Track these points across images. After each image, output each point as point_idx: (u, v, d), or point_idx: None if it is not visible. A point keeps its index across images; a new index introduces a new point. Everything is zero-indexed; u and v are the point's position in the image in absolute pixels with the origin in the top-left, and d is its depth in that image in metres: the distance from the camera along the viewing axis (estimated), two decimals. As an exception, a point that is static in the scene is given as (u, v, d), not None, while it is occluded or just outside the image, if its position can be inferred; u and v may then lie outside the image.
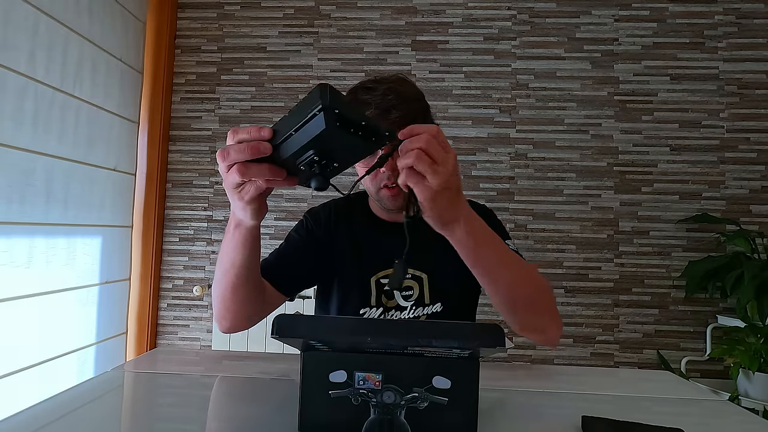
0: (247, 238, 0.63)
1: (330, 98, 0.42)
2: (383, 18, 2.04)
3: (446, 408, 0.42)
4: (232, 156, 0.49)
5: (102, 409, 0.54)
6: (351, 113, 0.44)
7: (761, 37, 1.94)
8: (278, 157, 0.48)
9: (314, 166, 0.48)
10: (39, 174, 1.44)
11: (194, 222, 2.05)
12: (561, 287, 1.94)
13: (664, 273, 1.92)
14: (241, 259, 0.65)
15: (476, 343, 0.38)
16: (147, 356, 0.78)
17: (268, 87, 2.05)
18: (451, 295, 0.86)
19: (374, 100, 0.77)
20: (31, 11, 1.40)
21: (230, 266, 0.66)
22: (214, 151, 2.05)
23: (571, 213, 1.95)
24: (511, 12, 2.01)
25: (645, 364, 1.90)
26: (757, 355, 1.57)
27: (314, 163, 0.48)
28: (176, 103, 2.07)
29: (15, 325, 1.36)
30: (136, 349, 1.92)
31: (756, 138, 1.92)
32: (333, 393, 0.42)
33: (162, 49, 2.00)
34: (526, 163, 1.98)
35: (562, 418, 0.52)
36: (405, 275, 0.83)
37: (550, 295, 0.73)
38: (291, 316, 0.40)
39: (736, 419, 0.55)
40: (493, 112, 2.00)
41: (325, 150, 0.47)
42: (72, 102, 1.57)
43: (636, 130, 1.96)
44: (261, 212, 0.59)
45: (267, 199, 0.59)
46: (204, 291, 2.02)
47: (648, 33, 1.97)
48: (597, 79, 1.98)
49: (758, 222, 1.89)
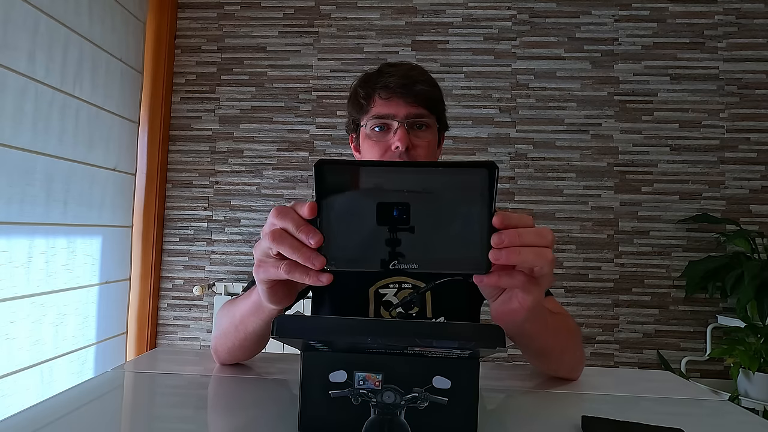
0: (262, 318, 0.56)
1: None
2: (383, 18, 2.04)
3: (446, 408, 0.42)
4: (285, 245, 0.40)
5: (102, 409, 0.54)
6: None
7: (761, 37, 1.94)
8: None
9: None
10: (39, 174, 1.44)
11: (194, 222, 2.05)
12: (561, 287, 1.94)
13: (664, 273, 1.92)
14: (253, 328, 0.58)
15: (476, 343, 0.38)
16: (147, 356, 0.78)
17: (268, 87, 2.06)
18: (453, 307, 0.83)
19: (399, 73, 0.78)
20: (31, 11, 1.40)
21: (242, 327, 0.60)
22: (215, 151, 2.05)
23: (571, 213, 1.95)
24: (511, 12, 2.01)
25: (645, 364, 1.90)
26: (757, 355, 1.57)
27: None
28: (176, 103, 2.07)
29: (15, 325, 1.36)
30: (136, 349, 1.92)
31: (756, 138, 1.92)
32: (333, 393, 0.42)
33: (162, 49, 2.01)
34: (526, 163, 1.98)
35: (562, 418, 0.52)
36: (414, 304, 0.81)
37: (579, 340, 0.69)
38: (291, 317, 0.40)
39: (736, 419, 0.55)
40: (493, 112, 2.00)
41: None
42: (72, 102, 1.57)
43: (636, 130, 1.96)
44: (279, 301, 0.48)
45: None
46: (204, 291, 2.02)
47: (648, 33, 1.97)
48: (597, 79, 1.98)
49: (758, 222, 1.89)
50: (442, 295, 0.82)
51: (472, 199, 0.38)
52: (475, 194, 0.38)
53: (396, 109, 0.77)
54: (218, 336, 0.67)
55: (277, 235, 0.40)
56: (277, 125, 2.05)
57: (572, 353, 0.66)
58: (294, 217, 0.40)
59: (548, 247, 0.40)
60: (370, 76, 0.82)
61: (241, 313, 0.59)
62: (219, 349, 0.68)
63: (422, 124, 0.79)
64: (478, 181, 0.38)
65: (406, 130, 0.76)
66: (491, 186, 0.38)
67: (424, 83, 0.79)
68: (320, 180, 0.39)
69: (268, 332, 0.60)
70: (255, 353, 0.70)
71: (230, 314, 0.63)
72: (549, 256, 0.40)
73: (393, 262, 0.38)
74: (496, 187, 0.38)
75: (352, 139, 0.87)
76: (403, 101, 0.77)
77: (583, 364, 0.69)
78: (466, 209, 0.38)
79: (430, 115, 0.80)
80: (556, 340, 0.61)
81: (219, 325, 0.67)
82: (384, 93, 0.78)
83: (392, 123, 0.77)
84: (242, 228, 2.03)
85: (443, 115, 0.85)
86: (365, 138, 0.81)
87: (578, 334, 0.69)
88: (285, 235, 0.40)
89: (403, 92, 0.77)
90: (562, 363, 0.66)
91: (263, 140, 2.04)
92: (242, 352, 0.67)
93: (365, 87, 0.81)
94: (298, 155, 2.03)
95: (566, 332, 0.65)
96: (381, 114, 0.78)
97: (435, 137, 0.82)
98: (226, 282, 2.00)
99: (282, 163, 2.04)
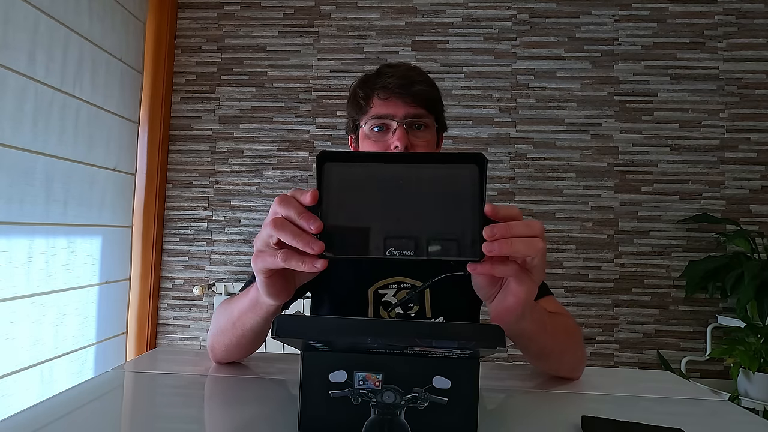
0: (260, 315, 0.56)
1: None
2: (383, 18, 2.04)
3: (446, 408, 0.42)
4: (287, 232, 0.41)
5: (102, 409, 0.54)
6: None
7: (761, 37, 1.94)
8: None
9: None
10: (39, 174, 1.44)
11: (194, 222, 2.05)
12: (561, 287, 1.94)
13: (664, 273, 1.92)
14: (251, 325, 0.59)
15: (476, 343, 0.38)
16: (147, 356, 0.78)
17: (268, 87, 2.06)
18: (453, 307, 0.83)
19: (397, 74, 0.79)
20: (31, 11, 1.40)
21: (239, 324, 0.60)
22: (215, 151, 2.05)
23: (571, 213, 1.95)
24: (511, 12, 2.01)
25: (645, 364, 1.90)
26: (757, 355, 1.57)
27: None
28: (176, 103, 2.07)
29: (15, 325, 1.36)
30: (136, 349, 1.92)
31: (756, 138, 1.92)
32: (333, 393, 0.42)
33: (162, 49, 2.01)
34: (526, 163, 1.98)
35: (562, 418, 0.52)
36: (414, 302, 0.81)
37: (579, 340, 0.69)
38: (291, 317, 0.40)
39: (736, 419, 0.55)
40: (493, 112, 2.00)
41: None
42: (72, 102, 1.57)
43: (636, 130, 1.96)
44: (277, 294, 0.49)
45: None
46: (204, 291, 2.02)
47: (648, 33, 1.97)
48: (597, 79, 1.98)
49: (758, 222, 1.89)
50: (441, 295, 0.82)
51: (463, 189, 0.40)
52: (467, 184, 0.40)
53: (395, 109, 0.78)
54: (215, 334, 0.67)
55: (279, 222, 0.42)
56: (277, 125, 2.05)
57: (573, 353, 0.66)
58: (296, 205, 0.41)
59: (538, 237, 0.42)
60: (369, 77, 0.82)
61: (239, 310, 0.59)
62: (216, 346, 0.68)
63: (421, 124, 0.79)
64: (468, 172, 0.40)
65: (405, 130, 0.77)
66: (481, 177, 0.40)
67: (423, 83, 0.80)
68: (321, 171, 0.41)
69: (265, 330, 0.61)
70: (251, 352, 0.70)
71: (228, 312, 0.63)
72: (539, 245, 0.42)
73: (389, 249, 0.40)
74: (485, 178, 0.40)
75: (351, 140, 0.87)
76: (402, 101, 0.78)
77: (584, 364, 0.69)
78: (459, 199, 0.40)
79: (429, 115, 0.80)
80: (555, 341, 0.61)
81: (216, 323, 0.67)
82: (383, 93, 0.79)
83: (391, 123, 0.78)
84: (242, 228, 2.03)
85: (442, 115, 0.85)
86: (364, 138, 0.81)
87: (579, 334, 0.69)
88: (286, 223, 0.41)
89: (401, 92, 0.78)
90: (563, 363, 0.66)
91: (263, 140, 2.05)
92: (239, 350, 0.67)
93: (364, 88, 0.81)
94: (298, 155, 2.03)
95: (566, 332, 0.65)
96: (380, 114, 0.79)
97: (434, 137, 0.82)
98: (226, 282, 2.00)
99: (282, 163, 2.04)
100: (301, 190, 0.42)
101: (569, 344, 0.65)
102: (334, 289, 0.85)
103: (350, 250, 0.41)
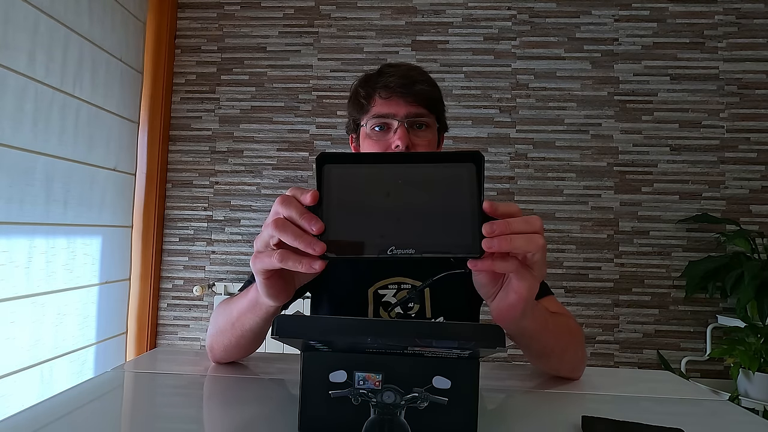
0: (259, 315, 0.56)
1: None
2: (383, 18, 2.04)
3: (446, 408, 0.42)
4: (288, 233, 0.41)
5: (102, 409, 0.54)
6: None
7: (761, 37, 1.94)
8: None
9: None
10: (39, 174, 1.44)
11: (194, 222, 2.05)
12: (561, 287, 1.94)
13: (664, 273, 1.92)
14: (250, 325, 0.58)
15: (476, 343, 0.38)
16: (147, 356, 0.78)
17: (268, 87, 2.06)
18: (453, 307, 0.83)
19: (399, 73, 0.79)
20: (31, 11, 1.40)
21: (239, 324, 0.60)
22: (215, 151, 2.05)
23: (571, 213, 1.95)
24: (511, 12, 2.01)
25: (645, 364, 1.90)
26: (757, 355, 1.57)
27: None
28: (176, 103, 2.07)
29: (15, 325, 1.36)
30: (136, 349, 1.92)
31: (756, 138, 1.92)
32: (333, 393, 0.42)
33: (162, 49, 2.01)
34: (526, 163, 1.98)
35: (562, 418, 0.52)
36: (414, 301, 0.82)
37: (580, 340, 0.69)
38: (291, 317, 0.40)
39: (736, 419, 0.55)
40: (493, 112, 2.00)
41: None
42: (72, 102, 1.57)
43: (636, 130, 1.96)
44: (276, 295, 0.49)
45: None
46: (204, 291, 2.02)
47: (648, 33, 1.97)
48: (597, 79, 1.98)
49: (758, 222, 1.89)
50: (441, 295, 0.82)
51: (462, 187, 0.41)
52: (465, 182, 0.41)
53: (396, 108, 0.78)
54: (214, 334, 0.67)
55: (281, 223, 0.42)
56: (277, 125, 2.05)
57: (573, 353, 0.66)
58: (297, 206, 0.42)
59: (538, 233, 0.42)
60: (371, 77, 0.83)
61: (239, 310, 0.59)
62: (215, 346, 0.68)
63: (422, 124, 0.80)
64: (466, 170, 0.41)
65: (406, 130, 0.77)
66: (479, 174, 0.41)
67: (424, 83, 0.80)
68: (321, 173, 0.41)
69: (264, 330, 0.61)
70: (250, 352, 0.70)
71: (227, 312, 0.63)
72: (539, 241, 0.42)
73: (390, 248, 0.40)
74: (483, 175, 0.41)
75: (352, 140, 0.87)
76: (403, 101, 0.78)
77: (584, 364, 0.69)
78: (458, 197, 0.41)
79: (430, 115, 0.80)
80: (556, 340, 0.61)
81: (215, 323, 0.67)
82: (384, 93, 0.79)
83: (392, 122, 0.78)
84: (242, 228, 2.03)
85: (443, 115, 0.85)
86: (365, 137, 0.81)
87: (579, 334, 0.69)
88: (288, 224, 0.42)
89: (403, 92, 0.78)
90: (564, 362, 0.66)
91: (263, 140, 2.04)
92: (238, 350, 0.67)
93: (365, 87, 0.82)
94: (298, 155, 2.03)
95: (567, 332, 0.65)
96: (381, 113, 0.79)
97: (435, 136, 0.83)
98: (226, 282, 2.00)
99: (282, 163, 2.04)
100: (302, 189, 0.42)
101: (570, 344, 0.65)
102: (334, 290, 0.85)
103: (351, 251, 0.41)
